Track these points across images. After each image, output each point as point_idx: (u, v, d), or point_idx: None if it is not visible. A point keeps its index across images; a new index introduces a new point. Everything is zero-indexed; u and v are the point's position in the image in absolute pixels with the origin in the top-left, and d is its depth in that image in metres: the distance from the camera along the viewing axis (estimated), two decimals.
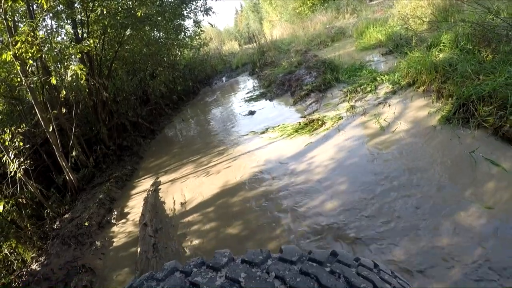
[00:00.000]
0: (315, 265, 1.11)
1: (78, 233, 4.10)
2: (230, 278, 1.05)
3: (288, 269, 1.09)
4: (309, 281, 1.03)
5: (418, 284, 2.02)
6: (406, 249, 2.31)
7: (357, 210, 2.87)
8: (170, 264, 1.21)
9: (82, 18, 5.31)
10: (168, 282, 1.10)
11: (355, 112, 4.90)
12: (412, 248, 2.30)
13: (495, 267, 1.96)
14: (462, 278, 1.97)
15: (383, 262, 2.24)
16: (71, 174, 5.47)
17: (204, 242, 3.23)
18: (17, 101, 6.18)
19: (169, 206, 4.23)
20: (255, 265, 1.12)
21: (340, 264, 1.13)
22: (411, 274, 2.11)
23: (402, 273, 2.13)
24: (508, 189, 2.51)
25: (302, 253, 1.19)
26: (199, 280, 1.06)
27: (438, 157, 3.20)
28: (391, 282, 1.13)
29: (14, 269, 4.47)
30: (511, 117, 3.18)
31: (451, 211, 2.49)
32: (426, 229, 2.41)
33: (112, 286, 3.07)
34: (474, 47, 4.72)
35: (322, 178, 3.51)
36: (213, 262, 1.16)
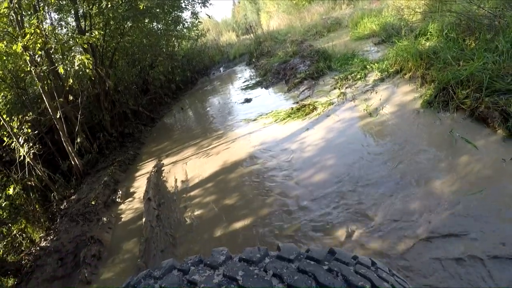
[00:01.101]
0: (313, 263, 1.12)
1: (85, 211, 4.40)
2: (228, 276, 1.06)
3: (285, 267, 1.09)
4: (306, 279, 1.03)
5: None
6: (382, 212, 2.62)
7: (343, 178, 3.21)
8: (168, 262, 1.21)
9: (85, 11, 5.50)
10: (166, 280, 1.11)
11: (345, 98, 5.18)
12: (387, 209, 2.61)
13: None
14: (419, 228, 2.28)
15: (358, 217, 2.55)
16: (77, 159, 5.75)
17: (204, 212, 3.57)
18: (23, 91, 6.41)
19: (171, 184, 4.56)
20: (252, 263, 1.12)
21: (338, 262, 1.15)
22: (380, 226, 2.42)
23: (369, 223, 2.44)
24: (475, 164, 2.81)
25: (300, 251, 1.20)
26: (197, 278, 1.07)
27: (419, 136, 3.50)
28: (388, 280, 1.14)
29: (22, 250, 4.78)
30: (486, 98, 3.47)
31: (424, 179, 2.81)
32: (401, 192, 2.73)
33: (120, 255, 3.39)
34: (458, 35, 4.99)
35: (312, 155, 3.84)
36: (211, 260, 1.17)
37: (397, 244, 2.30)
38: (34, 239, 4.98)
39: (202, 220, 3.39)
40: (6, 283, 4.04)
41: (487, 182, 2.55)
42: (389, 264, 2.15)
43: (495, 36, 4.45)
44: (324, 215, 2.82)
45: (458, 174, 2.75)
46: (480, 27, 4.77)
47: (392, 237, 2.36)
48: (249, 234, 2.94)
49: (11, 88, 6.26)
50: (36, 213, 5.31)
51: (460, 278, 1.92)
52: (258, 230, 2.94)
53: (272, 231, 2.87)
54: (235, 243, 2.87)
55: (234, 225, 3.13)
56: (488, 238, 2.09)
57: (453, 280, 1.92)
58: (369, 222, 2.58)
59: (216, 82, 11.82)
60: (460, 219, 2.30)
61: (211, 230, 3.20)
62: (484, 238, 2.10)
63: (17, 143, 5.14)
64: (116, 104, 7.42)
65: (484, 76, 3.57)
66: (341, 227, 2.62)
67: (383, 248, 2.30)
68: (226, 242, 2.92)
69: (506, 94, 3.42)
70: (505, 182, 2.47)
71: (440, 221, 2.35)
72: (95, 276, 3.24)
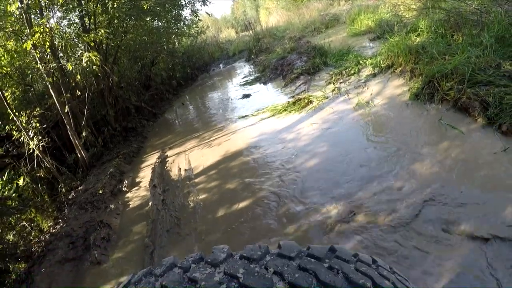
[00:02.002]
0: (314, 260, 1.13)
1: (93, 200, 4.66)
2: (229, 274, 1.06)
3: (286, 264, 1.10)
4: (307, 277, 1.04)
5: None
6: (367, 190, 2.88)
7: (334, 162, 3.51)
8: (169, 260, 1.22)
9: (90, 10, 5.73)
10: (167, 277, 1.11)
11: (339, 92, 5.43)
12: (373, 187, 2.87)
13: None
14: (398, 204, 2.54)
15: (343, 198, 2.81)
16: (83, 152, 6.01)
17: (207, 196, 3.88)
18: (29, 87, 6.67)
19: (175, 173, 4.85)
20: (253, 260, 1.13)
21: (338, 259, 1.15)
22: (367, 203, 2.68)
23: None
24: (458, 147, 3.08)
25: (301, 248, 1.21)
26: (198, 276, 1.07)
27: (407, 124, 3.76)
28: (389, 278, 1.14)
29: (31, 239, 5.04)
30: (468, 90, 3.72)
31: (409, 160, 3.08)
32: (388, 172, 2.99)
33: (128, 237, 3.66)
34: (447, 31, 5.22)
35: (307, 143, 4.12)
36: (212, 258, 1.17)
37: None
38: (42, 228, 5.25)
39: (205, 203, 3.69)
40: (18, 268, 4.30)
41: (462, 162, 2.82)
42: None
43: (481, 31, 4.70)
44: (316, 195, 3.09)
45: (438, 156, 3.02)
46: (468, 23, 5.00)
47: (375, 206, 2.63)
48: (249, 213, 3.23)
49: (19, 84, 6.51)
50: (45, 203, 5.57)
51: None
52: (257, 209, 3.23)
53: (271, 209, 3.17)
54: (236, 221, 3.17)
55: (235, 206, 3.43)
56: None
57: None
58: (358, 200, 2.84)
59: (216, 78, 12.06)
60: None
61: (214, 211, 3.49)
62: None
63: (26, 136, 5.38)
64: (119, 100, 7.67)
65: (467, 69, 3.82)
66: (330, 204, 2.88)
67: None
68: (228, 221, 3.22)
69: (487, 85, 3.67)
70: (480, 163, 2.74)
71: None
72: (104, 257, 3.51)
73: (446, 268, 2.02)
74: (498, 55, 4.15)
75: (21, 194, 5.94)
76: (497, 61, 3.98)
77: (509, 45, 4.39)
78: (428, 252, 2.16)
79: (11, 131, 6.15)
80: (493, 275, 1.87)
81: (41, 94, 7.28)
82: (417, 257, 2.16)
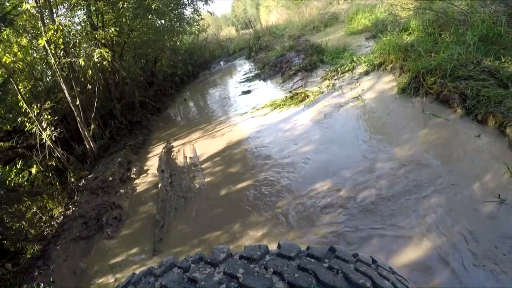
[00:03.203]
0: (313, 261, 1.13)
1: (103, 186, 5.01)
2: (228, 273, 1.07)
3: (286, 264, 1.10)
4: (307, 277, 1.04)
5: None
6: (351, 170, 3.23)
7: (324, 147, 3.90)
8: (168, 260, 1.23)
9: (102, 10, 6.06)
10: (166, 277, 1.12)
11: (334, 88, 5.76)
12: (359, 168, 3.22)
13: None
14: (382, 182, 2.88)
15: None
16: (92, 143, 6.36)
17: (211, 179, 4.27)
18: (39, 82, 7.01)
19: (181, 160, 5.24)
20: (253, 260, 1.14)
21: (338, 260, 1.16)
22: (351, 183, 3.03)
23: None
24: (436, 133, 3.42)
25: (300, 248, 1.22)
26: (197, 276, 1.07)
27: (393, 115, 4.11)
28: (389, 278, 1.15)
29: (42, 225, 5.38)
30: (449, 84, 4.06)
31: (392, 144, 3.45)
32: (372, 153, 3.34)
33: (137, 217, 4.02)
34: (435, 30, 5.55)
35: (302, 133, 4.50)
36: (211, 257, 1.17)
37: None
38: (53, 215, 5.59)
39: (209, 185, 4.08)
40: (32, 248, 4.64)
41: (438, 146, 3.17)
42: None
43: (466, 30, 5.03)
44: (310, 176, 3.45)
45: (418, 140, 3.37)
46: (454, 23, 5.33)
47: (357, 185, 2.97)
48: (249, 192, 3.62)
49: (30, 79, 6.85)
50: (56, 190, 5.92)
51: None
52: (256, 188, 3.63)
53: (268, 188, 3.57)
54: (237, 198, 3.58)
55: (236, 186, 3.83)
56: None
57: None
58: (344, 177, 3.19)
59: (217, 75, 12.40)
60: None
61: (217, 191, 3.89)
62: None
63: (39, 127, 5.73)
64: (125, 95, 8.02)
65: (449, 65, 4.16)
66: (321, 182, 3.25)
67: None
68: (229, 199, 3.63)
69: (467, 79, 4.01)
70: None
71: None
72: (116, 233, 3.87)
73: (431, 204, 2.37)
74: (481, 53, 4.47)
75: (33, 182, 6.30)
76: (478, 58, 4.32)
77: (493, 43, 4.72)
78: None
79: (21, 124, 6.51)
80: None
81: (49, 89, 7.62)
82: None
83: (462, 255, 2.08)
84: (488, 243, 2.08)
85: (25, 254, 4.54)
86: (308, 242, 2.61)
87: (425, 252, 2.19)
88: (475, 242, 2.13)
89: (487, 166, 2.74)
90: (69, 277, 3.51)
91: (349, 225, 2.64)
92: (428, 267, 2.09)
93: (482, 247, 2.07)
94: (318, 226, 2.76)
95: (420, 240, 2.29)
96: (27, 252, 4.56)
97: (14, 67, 6.09)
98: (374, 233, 2.49)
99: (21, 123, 6.52)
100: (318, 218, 2.83)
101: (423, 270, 2.08)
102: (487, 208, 2.34)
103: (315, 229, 2.74)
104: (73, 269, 3.63)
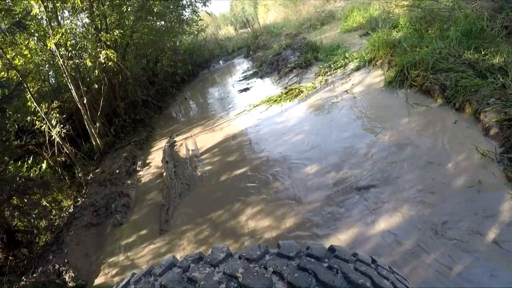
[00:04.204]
0: (313, 260, 1.13)
1: (111, 178, 5.34)
2: (228, 273, 1.07)
3: (286, 264, 1.10)
4: (307, 276, 1.04)
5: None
6: (338, 154, 3.55)
7: (313, 136, 4.25)
8: (168, 259, 1.22)
9: (105, 12, 6.39)
10: (166, 277, 1.11)
11: (326, 83, 6.08)
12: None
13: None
14: (366, 164, 3.20)
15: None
16: (98, 139, 6.69)
17: (211, 168, 4.63)
18: (47, 82, 7.36)
19: (183, 152, 5.60)
20: (253, 260, 1.14)
21: (338, 259, 1.16)
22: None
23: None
24: (417, 121, 3.74)
25: (300, 248, 1.22)
26: (197, 276, 1.07)
27: (379, 105, 4.43)
28: (389, 278, 1.16)
29: (51, 218, 5.70)
30: (431, 76, 4.36)
31: (377, 129, 3.77)
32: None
33: (144, 204, 4.36)
34: (422, 26, 5.85)
35: (294, 124, 4.86)
36: (211, 257, 1.18)
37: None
38: (63, 207, 5.92)
39: (210, 173, 4.46)
40: (42, 239, 4.95)
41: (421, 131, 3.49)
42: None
43: (451, 26, 5.33)
44: (301, 164, 3.77)
45: (398, 126, 3.69)
46: (439, 19, 5.64)
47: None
48: (246, 176, 4.01)
49: (38, 80, 7.19)
50: (65, 184, 6.26)
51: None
52: (252, 172, 4.01)
53: (262, 172, 3.94)
54: (235, 182, 3.97)
55: (234, 172, 4.20)
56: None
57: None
58: (332, 161, 3.51)
59: (216, 74, 12.73)
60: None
61: (217, 178, 4.25)
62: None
63: (49, 125, 6.06)
64: (128, 94, 8.35)
65: (431, 58, 4.47)
66: (310, 165, 3.57)
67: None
68: (228, 183, 4.01)
69: (447, 72, 4.31)
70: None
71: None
72: (125, 219, 4.20)
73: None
74: (464, 47, 4.78)
75: (42, 177, 6.63)
76: (460, 51, 4.63)
77: (476, 37, 5.02)
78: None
79: (29, 124, 6.84)
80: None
81: (54, 89, 7.96)
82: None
83: (429, 223, 2.39)
84: (455, 213, 2.40)
85: (38, 243, 4.87)
86: (297, 211, 2.95)
87: (400, 219, 2.50)
88: (442, 213, 2.44)
89: (461, 149, 3.05)
90: (82, 259, 3.84)
91: (335, 198, 2.99)
92: (398, 232, 2.41)
93: (450, 218, 2.39)
94: (304, 203, 3.10)
95: (395, 209, 2.61)
96: (39, 241, 4.89)
97: (26, 69, 6.44)
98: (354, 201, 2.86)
99: (29, 122, 6.85)
100: (306, 196, 3.18)
101: (391, 233, 2.41)
102: (458, 183, 2.65)
103: (304, 205, 3.08)
104: (86, 252, 3.97)
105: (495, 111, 3.35)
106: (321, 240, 2.62)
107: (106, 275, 3.42)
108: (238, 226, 3.18)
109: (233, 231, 3.13)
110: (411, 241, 2.30)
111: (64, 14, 7.08)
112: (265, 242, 2.82)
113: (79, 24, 7.24)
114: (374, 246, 2.38)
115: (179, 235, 3.44)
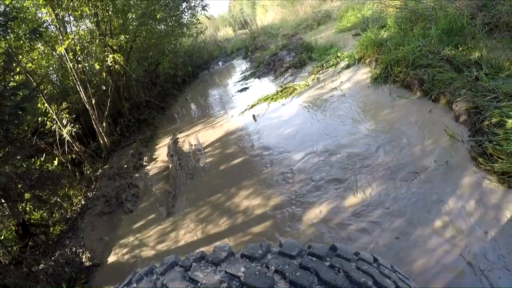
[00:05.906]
0: (315, 259, 1.14)
1: (119, 172, 5.76)
2: (230, 272, 1.07)
3: (287, 263, 1.11)
4: (308, 275, 1.04)
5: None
6: (324, 141, 3.96)
7: (304, 127, 4.68)
8: (170, 258, 1.23)
9: (111, 18, 6.84)
10: (168, 276, 1.12)
11: (318, 81, 6.49)
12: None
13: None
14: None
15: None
16: (106, 138, 7.12)
17: (213, 159, 5.09)
18: (56, 85, 7.80)
19: (186, 147, 6.05)
20: (254, 259, 1.14)
21: (339, 258, 1.16)
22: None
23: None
24: (398, 112, 4.14)
25: (302, 247, 1.22)
26: (199, 275, 1.07)
27: (365, 99, 4.84)
28: (390, 276, 1.16)
29: (62, 212, 6.11)
30: (411, 72, 4.77)
31: (362, 120, 4.17)
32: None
33: (151, 193, 4.78)
34: (407, 26, 6.25)
35: (287, 119, 5.29)
36: (213, 256, 1.18)
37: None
38: (73, 202, 6.34)
39: (211, 164, 4.92)
40: (56, 229, 5.35)
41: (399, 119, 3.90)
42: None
43: (432, 25, 5.73)
44: (290, 151, 4.20)
45: (379, 116, 4.10)
46: (422, 18, 6.03)
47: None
48: (243, 165, 4.46)
49: (47, 83, 7.64)
50: (75, 180, 6.69)
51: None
52: (248, 162, 4.46)
53: (258, 160, 4.38)
54: (233, 170, 4.41)
55: (232, 162, 4.66)
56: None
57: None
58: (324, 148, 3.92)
59: (216, 75, 13.15)
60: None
61: (217, 168, 4.72)
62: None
63: (60, 124, 6.49)
64: (132, 95, 8.79)
65: (411, 56, 4.87)
66: (300, 152, 3.99)
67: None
68: (227, 171, 4.46)
69: (426, 67, 4.72)
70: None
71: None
72: (135, 208, 4.63)
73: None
74: (444, 44, 5.18)
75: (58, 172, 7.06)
76: (439, 48, 5.03)
77: (456, 34, 5.42)
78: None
79: (38, 124, 7.27)
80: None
81: (62, 91, 8.41)
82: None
83: (402, 196, 2.80)
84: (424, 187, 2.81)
85: (52, 233, 5.27)
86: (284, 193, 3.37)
87: (371, 195, 2.91)
88: (412, 184, 2.85)
89: (433, 133, 3.47)
90: (96, 242, 4.26)
91: (320, 175, 3.42)
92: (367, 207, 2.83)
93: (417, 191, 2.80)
94: (292, 183, 3.52)
95: (366, 187, 3.02)
96: (54, 231, 5.29)
97: (40, 74, 6.89)
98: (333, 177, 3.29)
99: (38, 124, 7.28)
100: (293, 177, 3.62)
101: (361, 208, 2.83)
102: (427, 162, 3.05)
103: (290, 185, 3.51)
104: (100, 237, 4.39)
105: (465, 100, 3.76)
106: (304, 205, 3.12)
107: (117, 254, 3.86)
108: (233, 205, 3.66)
109: (229, 210, 3.61)
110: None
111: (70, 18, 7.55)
112: (256, 217, 3.27)
113: (86, 30, 7.68)
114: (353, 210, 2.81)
115: (183, 215, 3.91)
